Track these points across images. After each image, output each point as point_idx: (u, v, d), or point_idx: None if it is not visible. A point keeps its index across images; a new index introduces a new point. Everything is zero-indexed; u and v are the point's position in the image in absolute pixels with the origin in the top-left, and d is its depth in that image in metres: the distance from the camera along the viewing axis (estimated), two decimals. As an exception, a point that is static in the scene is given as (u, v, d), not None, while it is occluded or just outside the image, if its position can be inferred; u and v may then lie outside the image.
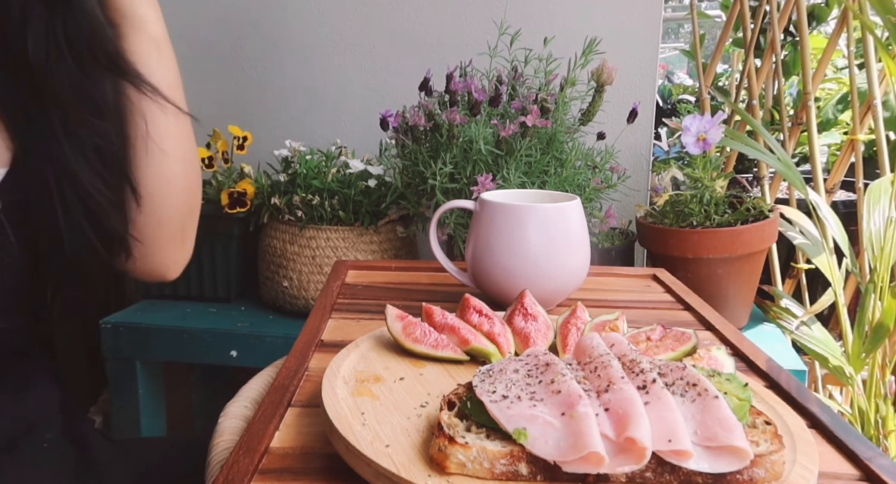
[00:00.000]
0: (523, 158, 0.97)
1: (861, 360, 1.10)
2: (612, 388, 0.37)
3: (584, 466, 0.33)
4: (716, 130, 0.99)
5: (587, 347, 0.43)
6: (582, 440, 0.33)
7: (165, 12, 0.65)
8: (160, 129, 0.63)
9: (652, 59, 1.33)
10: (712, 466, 0.33)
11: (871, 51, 1.22)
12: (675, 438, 0.33)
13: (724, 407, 0.35)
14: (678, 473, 0.34)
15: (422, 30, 1.38)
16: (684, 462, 0.33)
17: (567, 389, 0.37)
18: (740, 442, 0.33)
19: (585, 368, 0.41)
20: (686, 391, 0.37)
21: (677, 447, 0.33)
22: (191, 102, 1.53)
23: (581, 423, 0.34)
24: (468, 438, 0.35)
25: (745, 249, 1.04)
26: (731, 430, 0.34)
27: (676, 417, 0.34)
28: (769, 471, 0.34)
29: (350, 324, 0.65)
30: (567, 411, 0.35)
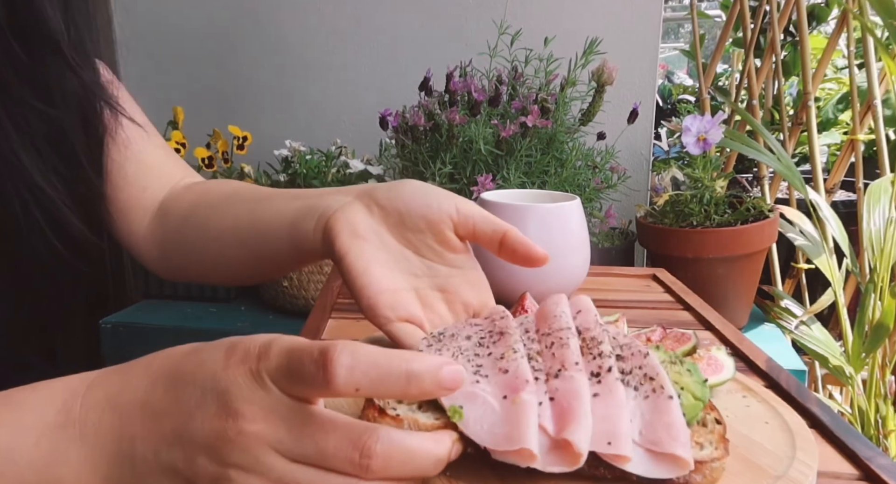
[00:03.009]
0: (523, 158, 0.97)
1: (861, 360, 1.10)
2: (563, 374, 0.35)
3: (514, 459, 0.32)
4: (716, 130, 0.99)
5: (550, 314, 0.41)
6: (518, 432, 0.32)
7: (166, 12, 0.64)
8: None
9: (652, 59, 1.33)
10: (649, 471, 0.32)
11: (871, 50, 1.22)
12: (615, 440, 0.32)
13: (676, 410, 0.33)
14: (613, 470, 0.33)
15: (422, 30, 1.38)
16: (621, 465, 0.32)
17: (514, 370, 0.35)
18: (683, 452, 0.32)
19: (542, 340, 0.39)
20: (641, 384, 0.36)
21: (616, 452, 0.32)
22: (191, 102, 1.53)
23: (521, 412, 0.33)
24: (399, 410, 0.34)
25: (745, 249, 1.04)
26: (676, 437, 0.32)
27: (622, 416, 0.33)
28: (706, 477, 0.33)
29: (350, 324, 0.65)
30: (510, 395, 0.34)
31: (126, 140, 0.60)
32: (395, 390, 0.29)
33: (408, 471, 0.30)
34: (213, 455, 0.30)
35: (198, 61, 1.48)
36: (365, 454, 0.29)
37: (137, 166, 0.63)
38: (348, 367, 0.28)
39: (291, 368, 0.29)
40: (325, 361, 0.28)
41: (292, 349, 0.30)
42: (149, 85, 1.48)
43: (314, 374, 0.29)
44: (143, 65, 1.48)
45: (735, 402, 0.46)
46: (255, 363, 0.30)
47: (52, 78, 0.51)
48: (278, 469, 0.30)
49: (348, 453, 0.29)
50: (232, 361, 0.31)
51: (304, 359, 0.29)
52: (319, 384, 0.29)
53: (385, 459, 0.29)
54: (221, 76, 1.48)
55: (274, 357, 0.30)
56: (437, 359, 0.30)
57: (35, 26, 0.49)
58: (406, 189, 0.47)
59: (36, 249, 0.52)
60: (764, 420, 0.43)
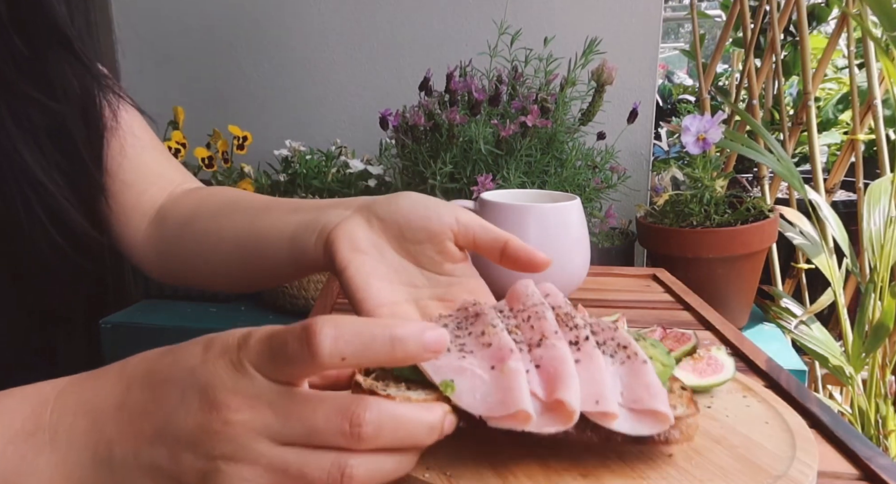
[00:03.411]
0: (523, 158, 0.97)
1: (861, 359, 1.10)
2: (545, 343, 0.36)
3: (510, 423, 0.32)
4: (715, 130, 0.99)
5: (521, 293, 0.42)
6: (511, 397, 0.32)
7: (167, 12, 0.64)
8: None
9: (652, 59, 1.33)
10: (634, 429, 0.34)
11: (871, 51, 1.22)
12: (602, 399, 0.33)
13: (651, 372, 0.35)
14: (599, 431, 0.34)
15: (422, 30, 1.38)
16: (608, 423, 0.33)
17: (498, 342, 0.36)
18: (663, 407, 0.34)
19: (518, 316, 0.40)
20: (616, 352, 0.37)
21: (604, 409, 0.33)
22: (191, 102, 1.53)
23: (511, 378, 0.33)
24: (390, 390, 0.34)
25: (745, 249, 1.04)
26: (655, 395, 0.34)
27: (605, 378, 0.35)
28: (683, 433, 0.35)
29: (350, 324, 0.65)
30: (497, 365, 0.34)
31: (125, 136, 0.60)
32: (380, 356, 0.29)
33: (400, 439, 0.30)
34: (198, 450, 0.30)
35: (198, 61, 1.48)
36: (355, 423, 0.29)
37: (136, 170, 0.62)
38: (332, 337, 0.28)
39: (274, 351, 0.29)
40: (307, 335, 0.28)
41: (272, 334, 0.30)
42: (149, 85, 1.48)
43: (298, 350, 0.28)
44: (143, 65, 1.49)
45: (735, 402, 0.46)
46: (234, 354, 0.30)
47: (53, 72, 0.51)
48: (268, 454, 0.29)
49: (338, 424, 0.29)
50: (210, 356, 0.31)
51: (286, 339, 0.29)
52: (305, 359, 0.28)
53: (376, 426, 0.29)
54: (221, 76, 1.48)
55: (254, 345, 0.30)
56: (420, 323, 0.30)
57: (37, 20, 0.49)
58: (405, 202, 0.47)
59: (37, 244, 0.52)
60: (764, 420, 0.43)
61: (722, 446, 0.40)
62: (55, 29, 0.49)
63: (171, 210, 0.62)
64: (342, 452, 0.30)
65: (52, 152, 0.52)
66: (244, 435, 0.29)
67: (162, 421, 0.31)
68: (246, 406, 0.29)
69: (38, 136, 0.51)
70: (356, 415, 0.29)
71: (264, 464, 0.30)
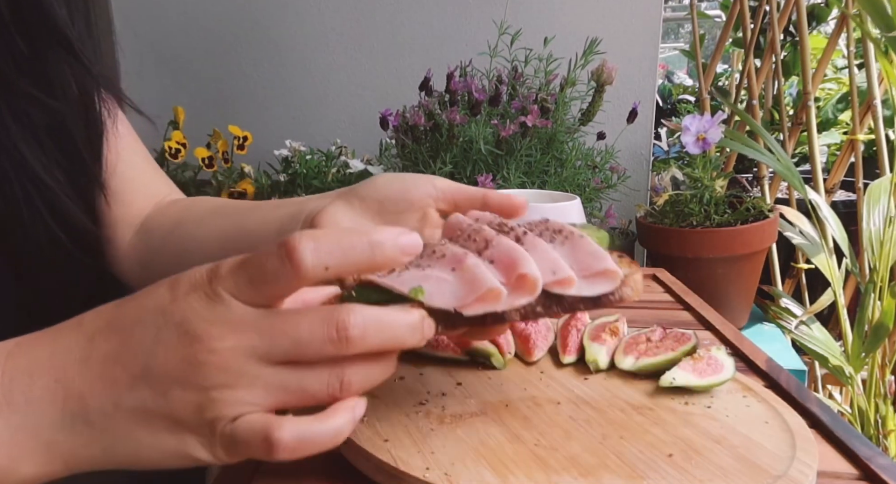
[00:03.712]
0: (523, 158, 0.97)
1: (861, 359, 1.10)
2: (491, 244, 0.38)
3: (483, 306, 0.34)
4: (715, 130, 0.99)
5: (454, 224, 0.43)
6: (478, 281, 0.34)
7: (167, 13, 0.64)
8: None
9: (652, 59, 1.33)
10: (592, 290, 0.36)
11: (871, 51, 1.22)
12: (557, 269, 0.36)
13: (591, 242, 0.38)
14: (563, 304, 0.36)
15: (422, 30, 1.38)
16: (569, 290, 0.35)
17: (451, 251, 0.37)
18: (612, 265, 0.36)
19: (459, 238, 0.41)
20: (554, 237, 0.39)
21: (561, 276, 0.35)
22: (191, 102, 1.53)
23: (473, 271, 0.35)
24: None
25: (745, 249, 1.04)
26: (601, 257, 0.37)
27: (554, 255, 0.37)
28: (634, 289, 0.37)
29: (350, 324, 0.65)
30: (457, 267, 0.35)
31: (119, 142, 0.61)
32: (361, 262, 0.30)
33: (386, 339, 0.31)
34: (188, 384, 0.30)
35: (198, 61, 1.48)
36: (341, 328, 0.29)
37: (124, 180, 0.63)
38: (313, 249, 0.29)
39: (252, 274, 0.30)
40: (287, 251, 0.29)
41: (245, 259, 0.30)
42: (149, 85, 1.48)
43: (279, 267, 0.29)
44: (143, 65, 1.48)
45: (735, 402, 0.46)
46: (206, 287, 0.30)
47: (53, 71, 0.51)
48: (263, 376, 0.30)
49: (325, 332, 0.29)
50: (179, 293, 0.31)
51: (262, 260, 0.29)
52: (288, 275, 0.29)
53: (362, 329, 0.30)
54: (221, 76, 1.48)
55: (227, 273, 0.30)
56: (394, 228, 0.31)
57: (38, 21, 0.49)
58: (382, 180, 0.49)
59: (38, 239, 0.53)
60: (764, 420, 0.43)
61: (722, 446, 0.40)
62: (55, 30, 0.50)
63: (156, 220, 0.63)
64: (336, 364, 0.30)
65: (52, 150, 0.52)
66: (233, 360, 0.29)
67: (139, 364, 0.30)
68: (228, 333, 0.29)
69: (38, 133, 0.51)
70: (341, 321, 0.30)
71: (262, 385, 0.30)
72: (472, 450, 0.39)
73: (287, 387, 0.30)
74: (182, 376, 0.30)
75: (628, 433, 0.41)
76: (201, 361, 0.29)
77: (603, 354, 0.52)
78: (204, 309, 0.30)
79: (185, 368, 0.30)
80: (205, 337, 0.29)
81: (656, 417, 0.44)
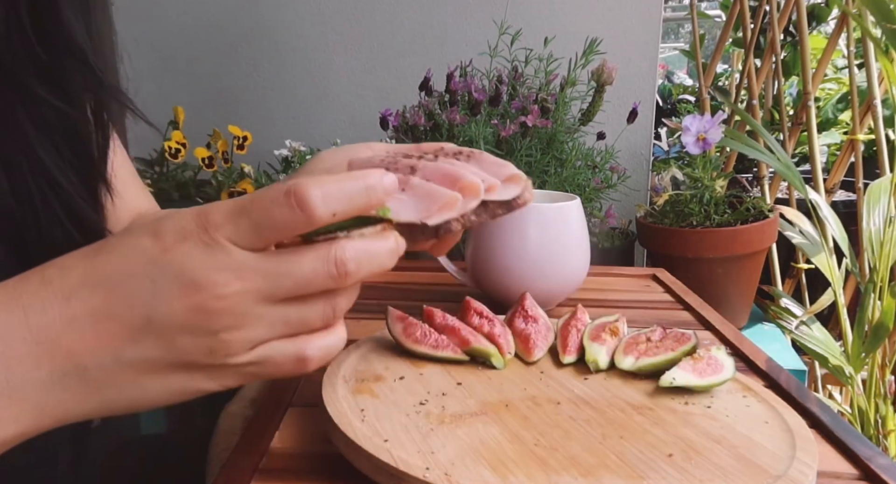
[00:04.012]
0: (523, 158, 0.97)
1: (861, 359, 1.10)
2: (417, 168, 0.40)
3: (445, 213, 0.37)
4: (716, 130, 0.99)
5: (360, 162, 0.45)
6: (434, 193, 0.37)
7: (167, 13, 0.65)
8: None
9: (652, 59, 1.33)
10: (510, 193, 0.40)
11: (871, 51, 1.22)
12: (483, 178, 0.39)
13: (490, 155, 0.43)
14: (488, 209, 0.39)
15: (422, 30, 1.38)
16: (494, 195, 0.39)
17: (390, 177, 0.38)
18: (516, 170, 0.41)
19: None
20: (458, 157, 0.43)
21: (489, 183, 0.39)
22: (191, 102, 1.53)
23: (423, 186, 0.38)
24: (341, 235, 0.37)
25: (745, 249, 1.04)
26: (505, 165, 0.42)
27: (472, 169, 0.40)
28: (531, 192, 0.41)
29: (350, 324, 0.65)
30: (406, 188, 0.38)
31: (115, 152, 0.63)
32: (360, 205, 0.32)
33: (373, 267, 0.33)
34: (196, 330, 0.31)
35: (198, 61, 1.48)
36: (340, 264, 0.32)
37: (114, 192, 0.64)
38: (321, 197, 0.30)
39: (256, 221, 0.31)
40: (299, 200, 0.30)
41: (245, 206, 0.31)
42: (149, 85, 1.48)
43: (291, 215, 0.30)
44: (143, 65, 1.48)
45: (735, 402, 0.46)
46: (202, 235, 0.31)
47: (68, 79, 0.53)
48: (268, 315, 0.32)
49: (326, 270, 0.32)
50: (169, 243, 0.31)
51: (268, 207, 0.30)
52: (298, 223, 0.30)
53: (356, 263, 0.32)
54: (221, 76, 1.48)
55: (224, 221, 0.31)
56: (375, 170, 0.33)
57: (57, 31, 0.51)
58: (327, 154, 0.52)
59: (55, 240, 0.53)
60: (764, 420, 0.43)
61: (722, 446, 0.40)
62: (71, 40, 0.52)
63: None
64: (329, 294, 0.33)
65: (67, 153, 0.54)
66: (241, 304, 0.31)
67: (139, 317, 0.31)
68: (233, 278, 0.30)
69: (53, 136, 0.53)
70: (339, 258, 0.32)
71: (267, 323, 0.32)
72: (472, 450, 0.39)
73: (289, 321, 0.32)
74: (189, 324, 0.31)
75: (628, 433, 0.41)
76: (209, 308, 0.30)
77: (603, 354, 0.52)
78: (203, 257, 0.30)
79: (193, 317, 0.30)
80: (209, 285, 0.30)
81: (656, 417, 0.44)
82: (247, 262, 0.31)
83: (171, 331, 0.31)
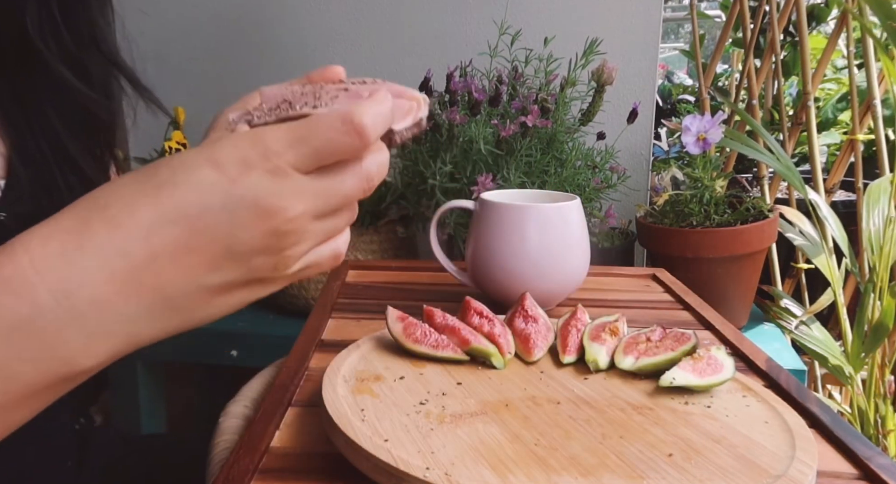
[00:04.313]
0: (523, 158, 0.97)
1: (860, 359, 1.10)
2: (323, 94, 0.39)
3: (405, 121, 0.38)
4: (716, 130, 0.99)
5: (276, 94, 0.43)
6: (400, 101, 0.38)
7: (167, 13, 0.68)
8: None
9: (652, 59, 1.33)
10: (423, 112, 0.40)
11: (871, 51, 1.22)
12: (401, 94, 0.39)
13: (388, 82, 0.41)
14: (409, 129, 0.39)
15: (422, 30, 1.38)
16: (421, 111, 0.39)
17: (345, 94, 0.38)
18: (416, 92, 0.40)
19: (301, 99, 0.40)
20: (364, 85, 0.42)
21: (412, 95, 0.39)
22: (191, 102, 1.53)
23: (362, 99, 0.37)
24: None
25: (745, 249, 1.04)
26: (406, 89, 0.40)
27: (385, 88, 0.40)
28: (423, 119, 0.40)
29: (350, 324, 0.65)
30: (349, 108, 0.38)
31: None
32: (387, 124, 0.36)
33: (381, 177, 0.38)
34: (268, 251, 0.34)
35: (198, 61, 1.48)
36: (369, 179, 0.37)
37: None
38: (372, 124, 0.34)
39: (318, 149, 0.34)
40: (358, 128, 0.34)
41: (305, 135, 0.34)
42: (149, 85, 1.48)
43: (350, 141, 0.34)
44: (143, 65, 1.48)
45: (735, 401, 0.46)
46: (266, 164, 0.33)
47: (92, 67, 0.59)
48: (318, 228, 0.36)
49: (360, 186, 0.36)
50: (235, 174, 0.33)
51: (330, 136, 0.34)
52: (358, 147, 0.34)
53: (378, 174, 0.37)
54: (222, 76, 1.48)
55: (285, 149, 0.33)
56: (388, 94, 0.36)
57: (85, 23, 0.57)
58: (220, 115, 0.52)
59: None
60: (764, 420, 0.43)
61: (722, 446, 0.40)
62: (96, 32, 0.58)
63: None
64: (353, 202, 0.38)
65: (87, 141, 0.58)
66: (304, 224, 0.35)
67: (220, 247, 0.33)
68: (297, 202, 0.34)
69: (75, 123, 0.57)
70: (369, 175, 0.36)
71: (318, 234, 0.36)
72: (472, 450, 0.39)
73: (330, 230, 0.37)
74: (264, 247, 0.34)
75: (628, 433, 0.41)
76: (281, 231, 0.34)
77: (603, 353, 0.52)
78: (272, 185, 0.33)
79: (267, 240, 0.34)
80: (280, 210, 0.33)
81: (656, 417, 0.44)
82: (306, 185, 0.34)
83: (248, 255, 0.34)
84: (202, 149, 0.34)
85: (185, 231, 0.32)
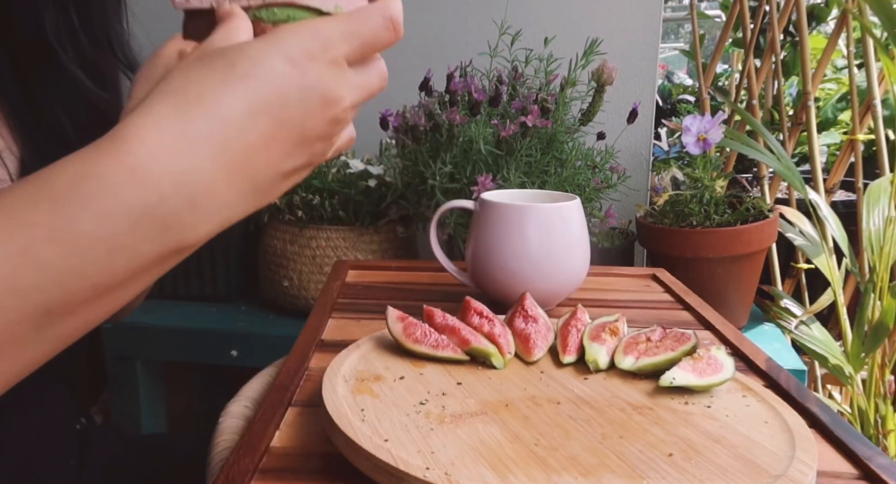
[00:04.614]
0: (523, 158, 0.97)
1: (860, 359, 1.10)
2: None
3: None
4: (716, 130, 0.99)
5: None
6: None
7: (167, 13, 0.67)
8: None
9: (652, 59, 1.33)
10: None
11: (871, 51, 1.22)
12: None
13: None
14: None
15: (422, 30, 1.38)
16: None
17: None
18: None
19: None
20: None
21: None
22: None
23: None
24: None
25: (745, 249, 1.04)
26: None
27: None
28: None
29: (350, 324, 0.65)
30: None
31: None
32: None
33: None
34: (326, 137, 0.38)
35: (198, 61, 1.47)
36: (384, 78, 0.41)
37: None
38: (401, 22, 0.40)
39: (366, 41, 0.38)
40: (396, 25, 0.39)
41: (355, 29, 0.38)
42: (149, 85, 1.48)
43: (390, 37, 0.39)
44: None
45: (735, 401, 0.46)
46: (327, 55, 0.36)
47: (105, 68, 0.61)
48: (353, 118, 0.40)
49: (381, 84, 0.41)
50: (302, 66, 0.36)
51: (375, 30, 0.38)
52: (393, 42, 0.39)
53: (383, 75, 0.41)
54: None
55: (340, 41, 0.37)
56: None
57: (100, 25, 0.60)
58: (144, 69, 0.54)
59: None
60: (764, 420, 0.43)
61: (722, 446, 0.40)
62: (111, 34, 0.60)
63: None
64: None
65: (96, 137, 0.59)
66: (353, 112, 0.39)
67: (297, 135, 0.37)
68: (349, 92, 0.38)
69: (86, 124, 0.58)
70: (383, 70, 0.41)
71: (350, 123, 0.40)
72: (472, 450, 0.39)
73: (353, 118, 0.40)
74: (325, 133, 0.38)
75: (628, 433, 0.41)
76: (339, 118, 0.38)
77: (603, 353, 0.52)
78: (334, 75, 0.37)
79: (329, 127, 0.38)
80: (340, 99, 0.37)
81: (656, 417, 0.44)
82: (354, 78, 0.38)
83: (314, 141, 0.38)
84: (270, 40, 0.36)
85: (272, 122, 0.36)
